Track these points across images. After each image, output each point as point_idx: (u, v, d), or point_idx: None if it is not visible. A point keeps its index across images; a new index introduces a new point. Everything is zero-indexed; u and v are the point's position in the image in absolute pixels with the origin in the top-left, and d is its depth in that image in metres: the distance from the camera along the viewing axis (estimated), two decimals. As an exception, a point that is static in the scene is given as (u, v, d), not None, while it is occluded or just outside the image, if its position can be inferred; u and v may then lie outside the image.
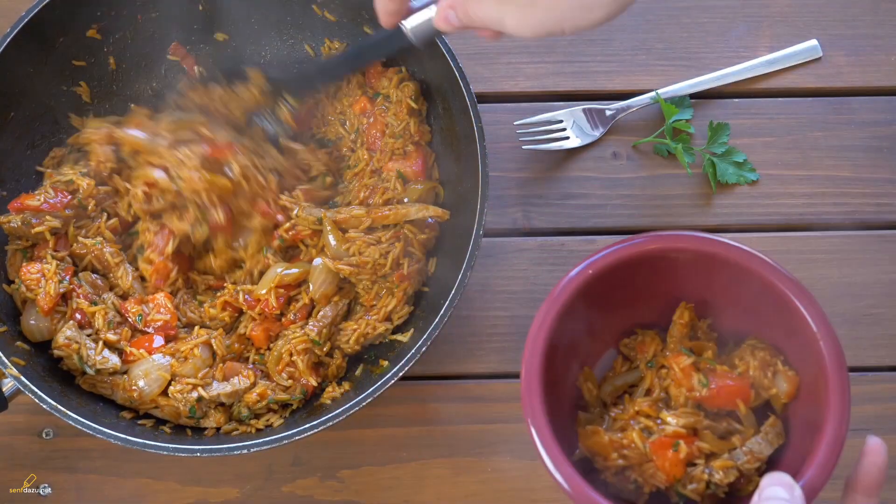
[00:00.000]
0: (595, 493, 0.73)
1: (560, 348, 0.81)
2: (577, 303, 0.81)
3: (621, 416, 0.82)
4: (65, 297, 0.94)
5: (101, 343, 0.93)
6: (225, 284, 0.98)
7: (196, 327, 0.96)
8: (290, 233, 0.96)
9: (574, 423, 0.85)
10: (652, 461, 0.79)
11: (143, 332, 0.95)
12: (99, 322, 0.94)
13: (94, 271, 0.98)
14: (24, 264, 0.95)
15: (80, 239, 0.97)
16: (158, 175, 0.94)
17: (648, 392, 0.84)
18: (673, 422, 0.79)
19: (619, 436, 0.80)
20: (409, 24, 0.83)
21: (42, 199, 0.96)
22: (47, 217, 0.95)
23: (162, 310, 0.95)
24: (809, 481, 0.71)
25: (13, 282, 0.96)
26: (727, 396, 0.81)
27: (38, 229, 0.95)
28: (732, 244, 0.80)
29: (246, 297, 0.95)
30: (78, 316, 0.94)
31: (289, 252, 0.99)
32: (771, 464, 0.80)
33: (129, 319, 0.95)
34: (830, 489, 0.74)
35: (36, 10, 0.96)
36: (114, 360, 0.93)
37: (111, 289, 0.97)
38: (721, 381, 0.81)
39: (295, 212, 0.96)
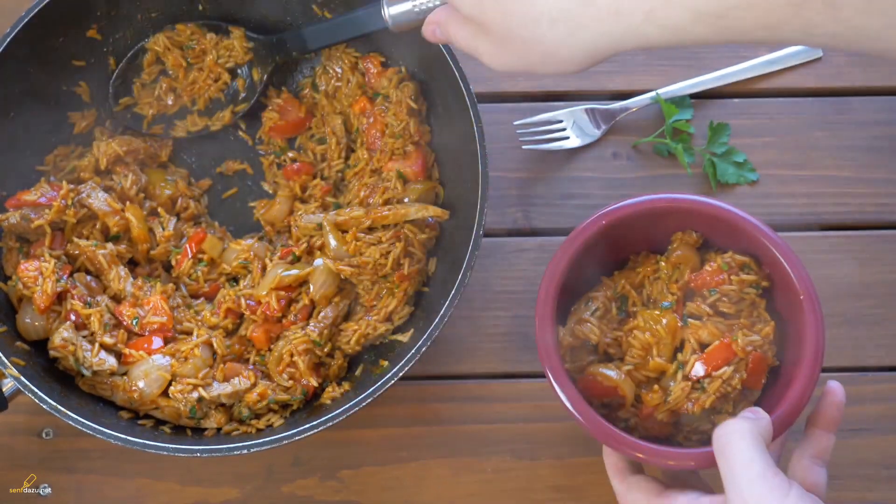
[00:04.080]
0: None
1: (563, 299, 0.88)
2: (585, 255, 0.88)
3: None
4: (60, 298, 0.94)
5: (97, 345, 0.92)
6: (220, 290, 0.98)
7: (196, 328, 0.96)
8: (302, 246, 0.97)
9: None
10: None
11: (140, 335, 0.95)
12: (94, 325, 0.93)
13: (88, 273, 0.98)
14: (22, 261, 0.95)
15: (75, 239, 0.97)
16: None
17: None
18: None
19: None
20: (391, 9, 0.85)
21: (39, 194, 0.96)
22: (45, 210, 0.95)
23: (158, 312, 0.95)
24: (780, 417, 0.80)
25: (10, 278, 0.96)
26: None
27: (37, 223, 0.95)
28: (733, 210, 0.90)
29: (248, 301, 0.95)
30: (73, 317, 0.93)
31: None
32: None
33: (125, 323, 0.95)
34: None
35: (36, 9, 0.96)
36: (111, 361, 0.92)
37: (104, 290, 0.97)
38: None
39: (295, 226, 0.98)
